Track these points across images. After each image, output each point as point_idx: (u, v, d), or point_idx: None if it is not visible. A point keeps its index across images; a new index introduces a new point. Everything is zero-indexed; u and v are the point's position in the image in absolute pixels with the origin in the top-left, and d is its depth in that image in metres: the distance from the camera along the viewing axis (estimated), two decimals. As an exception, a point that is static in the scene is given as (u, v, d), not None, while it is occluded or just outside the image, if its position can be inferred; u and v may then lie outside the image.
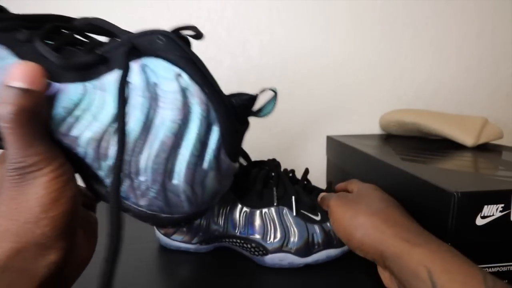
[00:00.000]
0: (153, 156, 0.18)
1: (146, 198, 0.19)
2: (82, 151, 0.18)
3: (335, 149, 0.55)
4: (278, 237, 0.32)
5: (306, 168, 0.39)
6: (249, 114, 0.23)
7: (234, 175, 0.23)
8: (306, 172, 0.38)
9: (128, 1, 0.53)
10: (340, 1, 0.57)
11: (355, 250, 0.26)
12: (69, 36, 0.20)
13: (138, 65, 0.18)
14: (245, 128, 0.23)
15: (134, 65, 0.18)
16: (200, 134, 0.19)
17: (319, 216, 0.33)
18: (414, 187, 0.30)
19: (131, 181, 0.19)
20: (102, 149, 0.18)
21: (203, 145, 0.19)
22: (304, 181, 0.37)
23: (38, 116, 0.16)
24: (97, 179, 0.19)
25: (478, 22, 0.60)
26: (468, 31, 0.60)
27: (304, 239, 0.32)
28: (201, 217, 0.34)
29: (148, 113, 0.18)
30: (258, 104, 0.23)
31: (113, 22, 0.20)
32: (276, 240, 0.32)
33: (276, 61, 0.58)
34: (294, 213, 0.33)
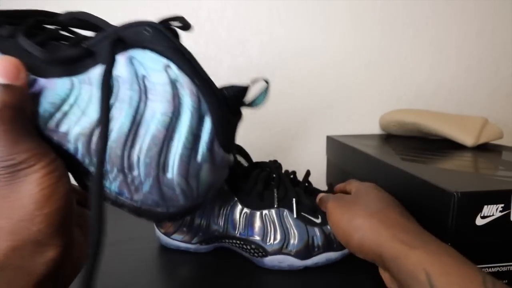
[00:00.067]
0: (145, 150, 0.18)
1: (140, 193, 0.19)
2: (72, 147, 0.18)
3: (335, 149, 0.55)
4: (278, 239, 0.32)
5: (308, 170, 0.38)
6: (241, 105, 0.22)
7: (229, 167, 0.23)
8: (307, 174, 0.38)
9: (128, 1, 0.53)
10: (340, 1, 0.57)
11: (355, 252, 0.26)
12: (54, 31, 0.20)
13: (125, 57, 0.18)
14: (238, 119, 0.23)
15: (121, 58, 0.18)
16: (192, 126, 0.19)
17: (319, 219, 0.33)
18: (414, 187, 0.30)
19: (124, 176, 0.19)
20: (93, 144, 0.18)
21: (195, 137, 0.19)
22: (305, 183, 0.37)
23: (23, 112, 0.16)
24: (89, 175, 0.19)
25: (478, 22, 0.60)
26: (468, 31, 0.60)
27: (304, 242, 0.32)
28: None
29: (138, 106, 0.18)
30: (251, 95, 0.23)
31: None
32: (276, 242, 0.32)
33: (276, 61, 0.58)
34: (294, 215, 0.33)
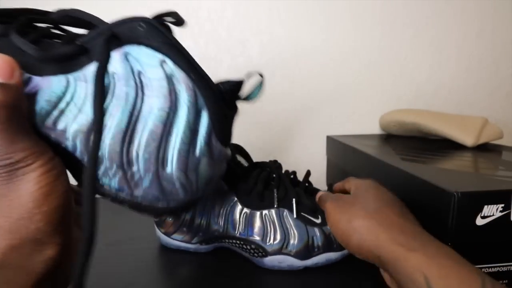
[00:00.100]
0: (143, 145, 0.18)
1: (140, 189, 0.19)
2: (70, 144, 0.18)
3: (335, 149, 0.55)
4: (277, 239, 0.32)
5: (308, 170, 0.38)
6: (237, 99, 0.23)
7: (226, 161, 0.23)
8: (307, 174, 0.38)
9: (128, 1, 0.53)
10: (340, 1, 0.57)
11: (354, 253, 0.26)
12: (46, 30, 0.20)
13: (120, 53, 0.18)
14: (234, 113, 0.23)
15: (115, 54, 0.18)
16: (189, 121, 0.19)
17: (319, 219, 0.33)
18: (414, 187, 0.30)
19: (124, 172, 0.19)
20: (91, 141, 0.18)
21: (193, 132, 0.19)
22: (306, 183, 0.37)
23: (19, 111, 0.16)
24: None
25: (478, 22, 0.60)
26: (468, 31, 0.60)
27: (304, 242, 0.32)
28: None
29: (134, 102, 0.18)
30: (246, 89, 0.23)
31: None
32: (276, 242, 0.32)
33: (276, 61, 0.58)
34: (294, 215, 0.33)
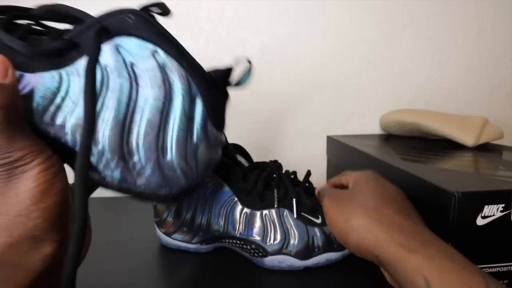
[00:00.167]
0: (142, 135, 0.19)
1: (143, 177, 0.20)
2: (70, 139, 0.18)
3: (335, 149, 0.55)
4: (278, 239, 0.32)
5: (308, 171, 0.38)
6: (228, 85, 0.23)
7: (221, 147, 0.24)
8: (308, 174, 0.38)
9: (128, 1, 0.53)
10: (340, 1, 0.57)
11: (353, 252, 0.26)
12: (29, 26, 0.20)
13: (111, 46, 0.18)
14: (226, 98, 0.24)
15: (106, 47, 0.18)
16: (185, 109, 0.19)
17: (319, 219, 0.33)
18: (414, 187, 0.30)
19: (125, 162, 0.19)
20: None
21: (189, 119, 0.20)
22: (306, 183, 0.37)
23: (15, 110, 0.16)
24: (90, 166, 0.19)
25: (478, 22, 0.60)
26: (468, 31, 0.60)
27: (304, 242, 0.32)
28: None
29: (129, 94, 0.18)
30: (235, 76, 0.24)
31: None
32: (276, 242, 0.32)
33: (276, 61, 0.58)
34: (294, 215, 0.33)
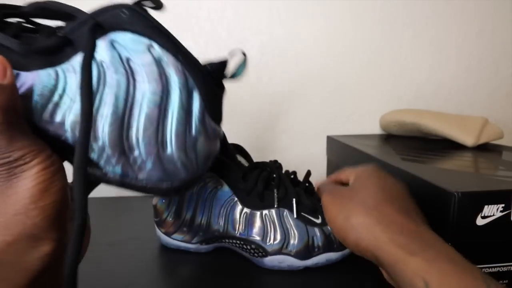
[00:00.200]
0: (142, 130, 0.19)
1: (144, 172, 0.20)
2: (70, 136, 0.18)
3: (335, 149, 0.55)
4: (278, 239, 0.32)
5: (308, 171, 0.38)
6: (223, 77, 0.23)
7: (220, 140, 0.24)
8: (307, 174, 0.38)
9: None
10: (340, 1, 0.57)
11: (352, 250, 0.26)
12: (20, 24, 0.20)
13: (106, 41, 0.18)
14: (222, 91, 0.24)
15: (101, 42, 0.18)
16: (183, 102, 0.19)
17: (319, 219, 0.33)
18: (414, 187, 0.30)
19: (126, 157, 0.19)
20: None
21: (187, 112, 0.20)
22: (306, 183, 0.37)
23: (15, 110, 0.16)
24: (91, 162, 0.19)
25: (478, 22, 0.60)
26: (468, 31, 0.60)
27: (304, 242, 0.32)
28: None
29: (127, 89, 0.18)
30: (231, 68, 0.24)
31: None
32: (276, 242, 0.32)
33: (276, 61, 0.58)
34: (294, 215, 0.33)
